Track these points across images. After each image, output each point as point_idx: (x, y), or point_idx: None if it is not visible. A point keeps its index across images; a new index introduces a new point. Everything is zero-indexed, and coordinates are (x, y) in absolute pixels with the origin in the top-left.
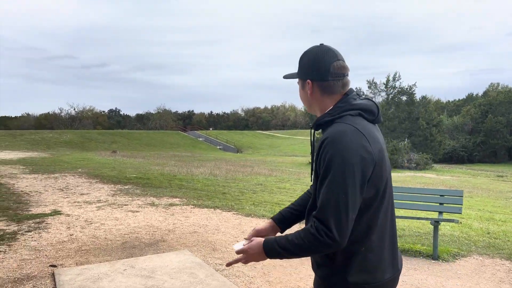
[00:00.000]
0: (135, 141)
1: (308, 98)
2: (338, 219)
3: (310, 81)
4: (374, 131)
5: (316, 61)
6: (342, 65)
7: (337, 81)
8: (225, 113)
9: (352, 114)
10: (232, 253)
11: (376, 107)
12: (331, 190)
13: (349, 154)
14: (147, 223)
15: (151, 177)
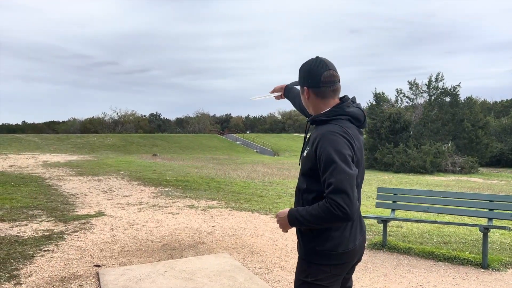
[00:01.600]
0: (174, 144)
1: (307, 102)
2: (348, 197)
3: (306, 88)
4: (357, 134)
5: (310, 72)
6: (332, 74)
7: (328, 87)
8: (262, 116)
9: (343, 119)
10: (270, 257)
11: (363, 116)
12: (338, 175)
13: (343, 148)
14: (186, 225)
15: (190, 180)
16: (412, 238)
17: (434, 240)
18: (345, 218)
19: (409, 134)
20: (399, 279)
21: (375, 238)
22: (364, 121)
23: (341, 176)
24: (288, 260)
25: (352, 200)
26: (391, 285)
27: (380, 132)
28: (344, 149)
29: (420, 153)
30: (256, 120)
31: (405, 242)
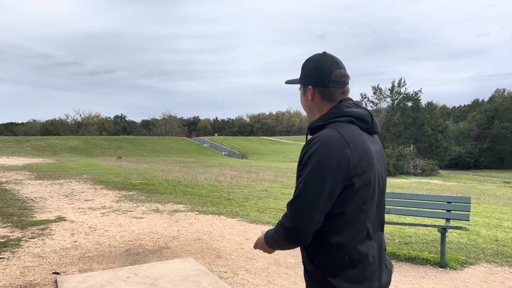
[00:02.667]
0: (140, 147)
1: (309, 103)
2: (298, 215)
3: (312, 87)
4: (364, 139)
5: (319, 68)
6: (343, 73)
7: (338, 88)
8: (230, 119)
9: (343, 121)
10: (236, 261)
11: (369, 116)
12: (303, 186)
13: (325, 160)
14: (151, 229)
15: (156, 183)
16: None
17: (395, 241)
18: (286, 237)
19: None
20: None
21: None
22: (373, 123)
23: (304, 189)
24: (254, 263)
25: (303, 219)
26: None
27: None
28: (330, 162)
29: None
30: (225, 123)
31: None
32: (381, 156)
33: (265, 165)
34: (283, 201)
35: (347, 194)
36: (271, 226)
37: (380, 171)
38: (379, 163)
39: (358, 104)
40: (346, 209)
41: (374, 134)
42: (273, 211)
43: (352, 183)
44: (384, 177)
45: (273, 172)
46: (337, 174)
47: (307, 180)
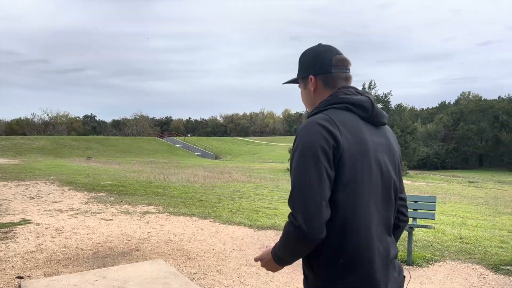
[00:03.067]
0: (110, 147)
1: (312, 95)
2: (304, 205)
3: (313, 76)
4: (360, 128)
5: (318, 56)
6: (344, 58)
7: (341, 73)
8: (204, 119)
9: (337, 108)
10: (208, 262)
11: (369, 103)
12: (295, 177)
13: (312, 137)
14: (120, 231)
15: (126, 185)
16: None
17: None
18: (299, 236)
19: None
20: None
21: None
22: (374, 111)
23: (300, 177)
24: (225, 264)
25: (310, 210)
26: None
27: None
28: (314, 140)
29: None
30: (198, 123)
31: None
32: (388, 149)
33: (239, 166)
34: (256, 202)
35: (337, 187)
36: (243, 226)
37: (386, 166)
38: (383, 156)
39: (362, 92)
40: (338, 205)
41: (380, 126)
42: (245, 211)
43: (342, 170)
44: (391, 172)
45: (246, 172)
46: (328, 152)
47: (300, 166)
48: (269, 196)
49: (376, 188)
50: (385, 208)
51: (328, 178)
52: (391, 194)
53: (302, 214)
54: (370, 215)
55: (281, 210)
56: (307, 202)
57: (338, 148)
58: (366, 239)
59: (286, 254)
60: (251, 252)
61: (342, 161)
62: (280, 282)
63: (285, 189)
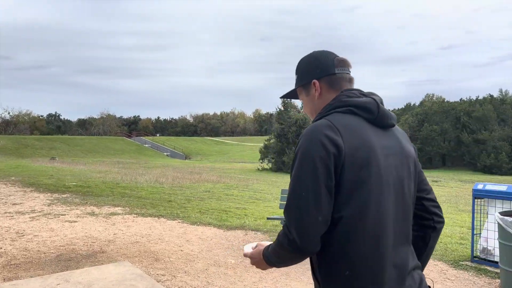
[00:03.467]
0: (76, 147)
1: (315, 103)
2: (299, 219)
3: (317, 80)
4: (365, 130)
5: (319, 59)
6: (344, 59)
7: (344, 74)
8: (173, 119)
9: (341, 111)
10: (175, 263)
11: (374, 104)
12: (292, 187)
13: (311, 146)
14: (85, 233)
15: (92, 185)
16: None
17: None
18: (292, 249)
19: None
20: (299, 277)
21: None
22: (379, 112)
23: (296, 189)
24: (193, 265)
25: (305, 224)
26: (292, 283)
27: (287, 137)
28: (314, 149)
29: None
30: (167, 123)
31: None
32: (399, 152)
33: (209, 166)
34: (225, 202)
35: (342, 194)
36: (212, 227)
37: (397, 170)
38: (394, 160)
39: (367, 94)
40: (344, 213)
41: (388, 128)
42: (215, 212)
43: (346, 178)
44: (404, 177)
45: (216, 172)
46: (327, 162)
47: (297, 177)
48: (239, 197)
49: (387, 195)
50: (400, 215)
51: (328, 190)
52: (406, 200)
53: (296, 228)
54: (380, 223)
55: (251, 210)
56: (302, 216)
57: (340, 155)
58: (374, 250)
59: (278, 261)
60: (219, 253)
61: (346, 168)
62: (249, 282)
63: (255, 189)
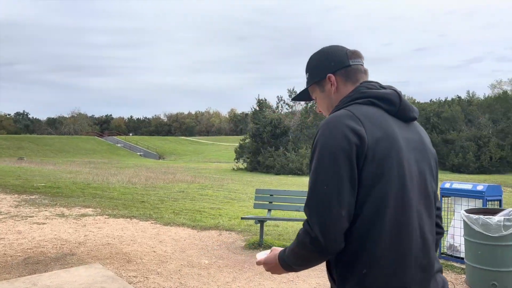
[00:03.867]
0: (45, 147)
1: (332, 98)
2: (321, 215)
3: (332, 74)
4: (387, 121)
5: (331, 53)
6: (356, 50)
7: (359, 65)
8: (147, 118)
9: (360, 103)
10: (147, 264)
11: (396, 96)
12: (313, 181)
13: (332, 137)
14: (54, 235)
15: (62, 186)
16: (287, 236)
17: None
18: (314, 247)
19: (288, 138)
20: (272, 276)
21: (252, 238)
22: (401, 104)
23: (317, 183)
24: (166, 266)
25: (327, 221)
26: (266, 282)
27: (262, 136)
28: (336, 140)
29: (297, 156)
30: (140, 122)
31: (280, 240)
32: (421, 147)
33: (183, 166)
34: (199, 202)
35: (363, 187)
36: (185, 227)
37: (419, 165)
38: (415, 154)
39: (387, 86)
40: (364, 208)
41: (410, 121)
42: (189, 212)
43: (368, 171)
44: (427, 173)
45: (191, 172)
46: (350, 153)
47: (318, 171)
48: (214, 196)
49: (410, 189)
50: (424, 212)
51: (351, 183)
52: (429, 196)
53: (319, 224)
54: (403, 220)
55: (225, 210)
56: (324, 211)
57: (363, 146)
58: (397, 248)
59: (297, 263)
60: (193, 253)
61: (368, 160)
62: (222, 282)
63: (230, 189)
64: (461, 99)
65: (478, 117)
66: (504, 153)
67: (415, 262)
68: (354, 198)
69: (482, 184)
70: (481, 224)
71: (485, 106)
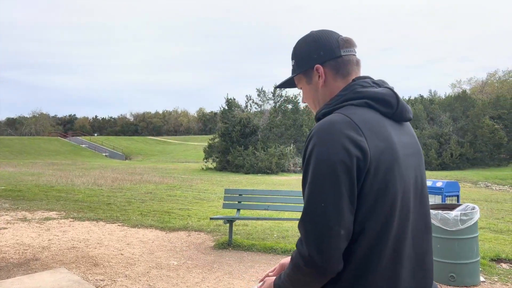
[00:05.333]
0: (4, 148)
1: (320, 92)
2: (318, 234)
3: (320, 65)
4: (386, 128)
5: (320, 40)
6: (349, 38)
7: (351, 56)
8: (112, 117)
9: (356, 104)
10: (115, 267)
11: (393, 97)
12: (309, 198)
13: (330, 148)
14: (16, 241)
15: (23, 189)
16: (256, 235)
17: (274, 235)
18: (310, 270)
19: (257, 137)
20: (242, 275)
21: (222, 238)
22: (399, 106)
23: (314, 199)
24: (134, 269)
25: (325, 241)
26: (235, 281)
27: (231, 136)
28: (334, 152)
29: (267, 155)
30: (106, 122)
31: (249, 240)
32: (416, 150)
33: (151, 166)
34: (168, 203)
35: (365, 203)
36: (153, 229)
37: (416, 171)
38: (412, 160)
39: (380, 83)
40: (367, 225)
41: (403, 122)
42: (157, 213)
43: (370, 186)
44: (423, 179)
45: (159, 173)
46: (350, 167)
47: (314, 186)
48: (183, 197)
49: (412, 201)
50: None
51: (350, 200)
52: (425, 203)
53: (316, 245)
54: (402, 235)
55: (194, 210)
56: (322, 230)
57: (365, 159)
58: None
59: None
60: (162, 255)
61: (371, 174)
62: (191, 283)
63: (199, 189)
64: (424, 98)
65: (440, 116)
66: (464, 150)
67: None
68: (353, 215)
69: (441, 181)
70: (439, 219)
71: (445, 104)
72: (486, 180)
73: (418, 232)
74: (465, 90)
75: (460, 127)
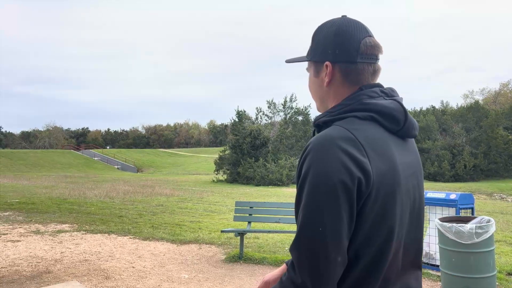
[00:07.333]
0: (19, 161)
1: (322, 89)
2: (314, 259)
3: (330, 63)
4: (390, 148)
5: (340, 35)
6: (375, 43)
7: (369, 65)
8: (124, 130)
9: (360, 117)
10: (126, 280)
11: (402, 112)
12: (304, 220)
13: (329, 167)
14: (29, 253)
15: (36, 202)
16: (267, 248)
17: (285, 248)
18: None
19: (268, 149)
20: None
21: (233, 251)
22: (406, 122)
23: (310, 222)
24: (145, 282)
25: (321, 269)
26: None
27: (242, 148)
28: (334, 172)
29: (277, 167)
30: (118, 135)
31: (260, 253)
32: (416, 169)
33: (162, 179)
34: (179, 215)
35: (364, 228)
36: (165, 242)
37: (415, 193)
38: (412, 181)
39: (389, 93)
40: (364, 252)
41: (408, 138)
42: (168, 226)
43: (370, 210)
44: (422, 201)
45: (170, 185)
46: (351, 189)
47: (311, 207)
48: (193, 209)
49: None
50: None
51: (348, 225)
52: (420, 226)
53: (310, 271)
54: (395, 261)
55: (205, 223)
56: (318, 257)
57: (368, 183)
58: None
59: None
60: (173, 268)
61: (372, 198)
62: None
63: (210, 201)
64: (435, 109)
65: (452, 126)
66: (478, 161)
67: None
68: (349, 240)
69: (454, 193)
70: (454, 232)
71: (458, 115)
72: (501, 192)
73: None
74: (477, 101)
75: (473, 138)
